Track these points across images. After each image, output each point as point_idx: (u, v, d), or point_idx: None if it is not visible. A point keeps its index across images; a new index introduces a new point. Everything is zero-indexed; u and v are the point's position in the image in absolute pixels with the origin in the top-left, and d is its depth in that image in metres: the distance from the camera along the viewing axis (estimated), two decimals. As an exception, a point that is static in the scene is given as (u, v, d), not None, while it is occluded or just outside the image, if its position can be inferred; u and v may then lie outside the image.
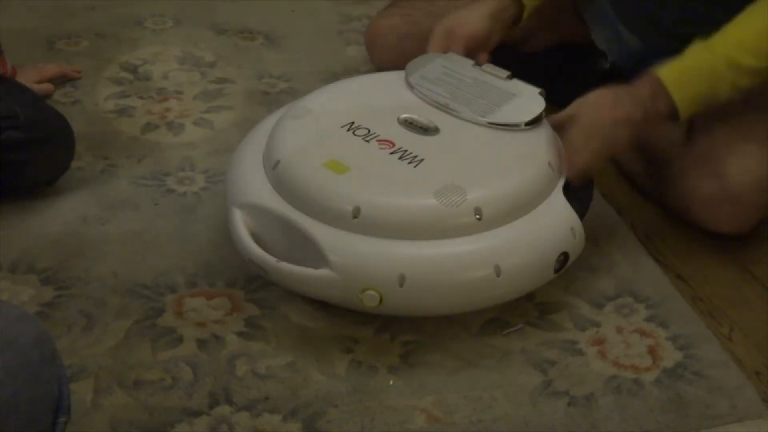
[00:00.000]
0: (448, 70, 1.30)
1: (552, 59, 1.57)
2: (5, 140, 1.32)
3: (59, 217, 1.37)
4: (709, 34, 1.23)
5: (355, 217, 1.11)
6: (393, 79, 1.32)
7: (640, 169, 1.45)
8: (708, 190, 1.30)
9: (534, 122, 1.23)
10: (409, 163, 1.16)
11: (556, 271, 1.17)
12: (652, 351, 1.18)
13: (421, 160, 1.17)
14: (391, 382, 1.13)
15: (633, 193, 1.46)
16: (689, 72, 1.23)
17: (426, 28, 1.39)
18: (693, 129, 1.37)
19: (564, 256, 1.17)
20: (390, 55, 1.55)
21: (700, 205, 1.32)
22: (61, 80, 1.68)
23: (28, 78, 1.59)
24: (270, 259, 1.13)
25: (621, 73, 1.34)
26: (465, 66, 1.31)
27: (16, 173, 1.35)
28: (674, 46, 1.25)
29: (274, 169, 1.18)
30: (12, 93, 1.39)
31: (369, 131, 1.21)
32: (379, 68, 1.59)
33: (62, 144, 1.40)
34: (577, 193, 1.21)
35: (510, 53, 1.39)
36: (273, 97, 1.67)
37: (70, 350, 1.14)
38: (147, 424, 1.06)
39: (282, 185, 1.17)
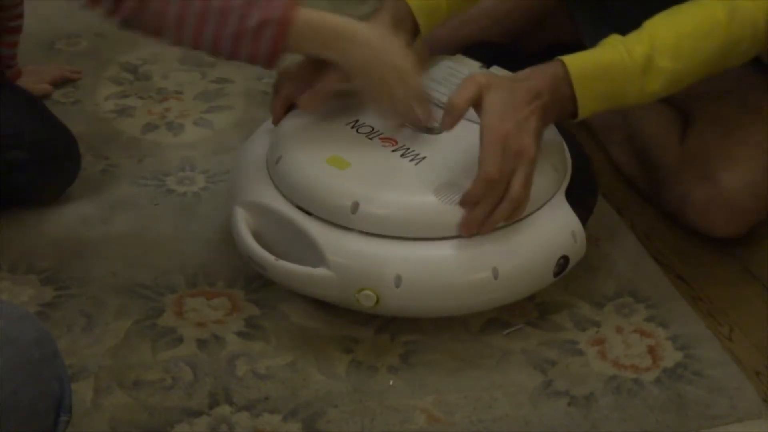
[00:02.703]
0: (455, 70, 1.30)
1: (548, 60, 1.57)
2: (11, 161, 1.29)
3: (59, 217, 1.37)
4: None
5: (354, 212, 1.11)
6: None
7: (637, 173, 1.45)
8: (701, 195, 1.30)
9: None
10: (411, 160, 1.16)
11: (556, 275, 1.16)
12: (652, 351, 1.18)
13: (423, 158, 1.16)
14: (391, 382, 1.13)
15: (633, 193, 1.46)
16: (598, 68, 1.12)
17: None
18: (687, 133, 1.37)
19: (564, 260, 1.16)
20: None
21: (694, 210, 1.32)
22: (61, 82, 1.68)
23: (28, 81, 1.59)
24: (269, 257, 1.13)
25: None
26: (472, 68, 1.31)
27: (19, 192, 1.33)
28: None
29: (276, 164, 1.18)
30: (20, 109, 1.34)
31: (373, 129, 1.21)
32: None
33: (68, 162, 1.37)
34: (581, 196, 1.21)
35: (507, 54, 1.39)
36: (273, 97, 1.67)
37: (70, 350, 1.14)
38: (147, 424, 1.06)
39: (283, 181, 1.17)
